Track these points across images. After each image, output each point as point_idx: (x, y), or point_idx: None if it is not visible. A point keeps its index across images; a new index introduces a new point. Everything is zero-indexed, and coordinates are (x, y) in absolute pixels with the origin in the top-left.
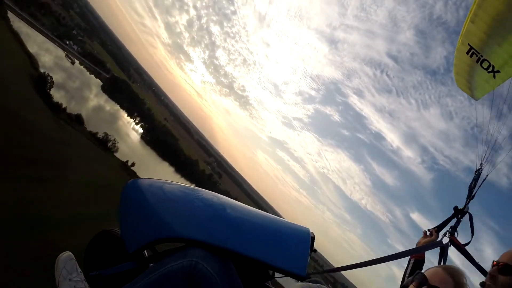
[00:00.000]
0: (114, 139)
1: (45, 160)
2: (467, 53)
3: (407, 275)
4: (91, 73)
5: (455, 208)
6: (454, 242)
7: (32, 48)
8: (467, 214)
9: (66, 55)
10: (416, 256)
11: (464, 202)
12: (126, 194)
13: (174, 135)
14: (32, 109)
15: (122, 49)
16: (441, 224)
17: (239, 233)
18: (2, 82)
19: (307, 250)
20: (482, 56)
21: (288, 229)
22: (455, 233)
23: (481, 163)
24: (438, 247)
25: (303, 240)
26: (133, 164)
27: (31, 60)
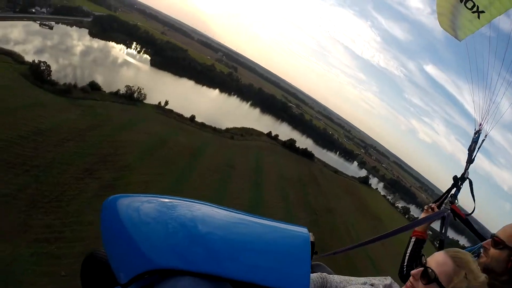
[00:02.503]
0: (138, 88)
1: (88, 155)
2: None
3: (407, 254)
4: (72, 26)
5: (454, 177)
6: (454, 211)
7: (5, 45)
8: (467, 180)
9: (40, 24)
10: (417, 234)
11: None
12: (104, 218)
13: (182, 47)
14: (45, 109)
15: None
16: (440, 197)
17: (227, 256)
18: (2, 102)
19: (308, 263)
20: None
21: (283, 238)
22: (456, 201)
23: (480, 123)
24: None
25: (302, 250)
26: (166, 103)
27: (12, 57)
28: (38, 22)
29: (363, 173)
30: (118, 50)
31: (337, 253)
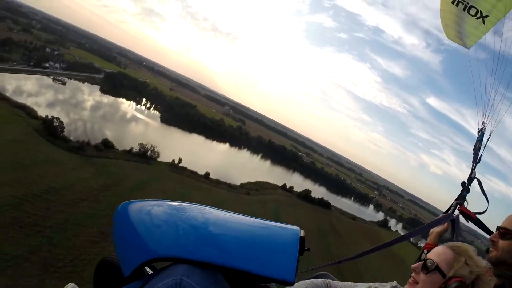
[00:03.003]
0: (152, 146)
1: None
2: (453, 2)
3: None
4: (84, 82)
5: (462, 183)
6: (463, 212)
7: (19, 97)
8: (475, 180)
9: (54, 79)
10: (429, 246)
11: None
12: (115, 220)
13: (190, 103)
14: (58, 166)
15: (98, 40)
16: (451, 206)
17: (220, 245)
18: (15, 157)
19: (295, 254)
20: (468, 3)
21: (274, 233)
22: (465, 202)
23: (483, 122)
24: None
25: (290, 242)
26: (180, 161)
27: (26, 111)
28: (52, 77)
29: (380, 215)
30: (129, 106)
31: (342, 262)
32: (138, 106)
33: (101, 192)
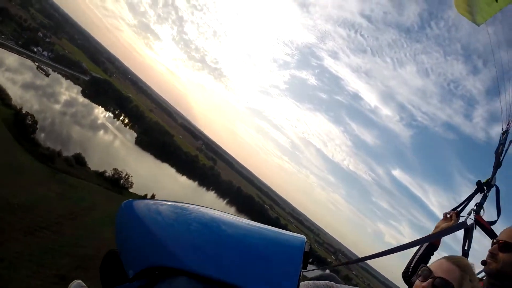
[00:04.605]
0: (126, 175)
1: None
2: None
3: (417, 256)
4: (67, 79)
5: (478, 183)
6: (479, 222)
7: None
8: (495, 187)
9: (38, 67)
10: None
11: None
12: (119, 219)
13: (169, 132)
14: (22, 176)
15: (90, 39)
16: (461, 204)
17: (221, 259)
18: None
19: (298, 271)
20: None
21: (277, 245)
22: (481, 211)
23: (508, 123)
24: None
25: (293, 257)
26: (153, 196)
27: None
28: (37, 64)
29: None
30: (106, 117)
31: (350, 264)
32: (115, 120)
33: (66, 221)
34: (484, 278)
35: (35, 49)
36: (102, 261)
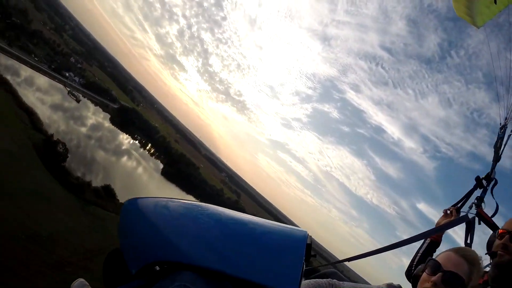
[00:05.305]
0: None
1: None
2: None
3: (419, 254)
4: (96, 105)
5: (477, 178)
6: (481, 215)
7: (28, 97)
8: (494, 180)
9: (69, 92)
10: (432, 237)
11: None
12: (123, 215)
13: (194, 164)
14: (50, 205)
15: (119, 67)
16: (461, 200)
17: (223, 251)
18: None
19: (300, 262)
20: None
21: (280, 237)
22: (482, 204)
23: (506, 117)
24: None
25: (296, 249)
26: None
27: (31, 117)
28: (68, 89)
29: None
30: (133, 146)
31: (352, 260)
32: (142, 149)
33: (94, 257)
34: (488, 270)
35: (66, 74)
36: (104, 261)
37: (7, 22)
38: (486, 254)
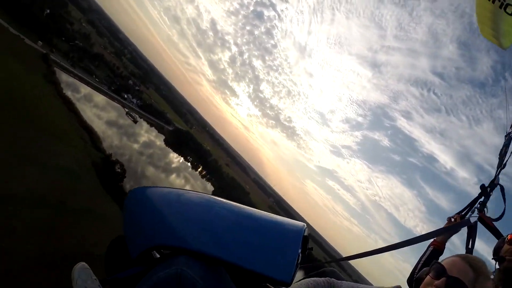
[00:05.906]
0: None
1: None
2: None
3: (422, 262)
4: (151, 126)
5: (482, 186)
6: (483, 219)
7: (89, 117)
8: (498, 186)
9: (127, 113)
10: (435, 244)
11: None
12: (127, 203)
13: (245, 188)
14: (105, 224)
15: (173, 91)
16: (466, 207)
17: (221, 238)
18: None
19: (296, 253)
20: (505, 0)
21: (277, 228)
22: (485, 209)
23: (511, 125)
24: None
25: (292, 240)
26: None
27: (91, 136)
28: (126, 110)
29: None
30: (185, 167)
31: (351, 259)
32: (194, 171)
33: None
34: (494, 276)
35: (125, 96)
36: (107, 248)
37: (70, 44)
38: (492, 259)
